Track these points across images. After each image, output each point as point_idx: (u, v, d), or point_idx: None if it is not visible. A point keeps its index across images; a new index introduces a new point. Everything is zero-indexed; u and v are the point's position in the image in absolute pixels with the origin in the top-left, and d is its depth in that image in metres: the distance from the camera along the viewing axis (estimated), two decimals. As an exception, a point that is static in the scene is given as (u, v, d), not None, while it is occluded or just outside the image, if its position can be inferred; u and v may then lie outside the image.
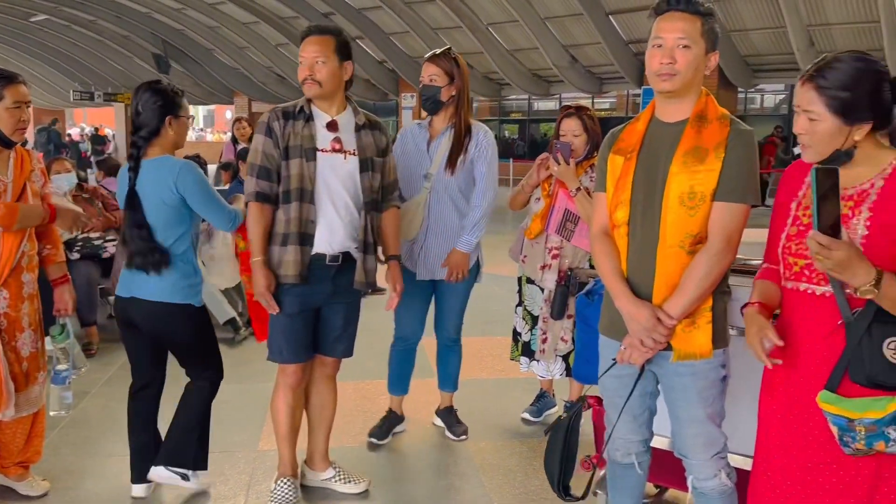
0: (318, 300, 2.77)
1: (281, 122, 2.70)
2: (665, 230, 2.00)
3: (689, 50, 1.97)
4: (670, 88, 2.00)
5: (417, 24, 15.93)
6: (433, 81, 3.23)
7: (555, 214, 3.45)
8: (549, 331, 3.48)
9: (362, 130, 2.77)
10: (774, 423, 1.89)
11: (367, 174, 2.75)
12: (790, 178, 1.93)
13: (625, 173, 2.10)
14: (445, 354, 3.58)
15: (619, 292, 2.06)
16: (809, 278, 1.79)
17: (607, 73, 15.70)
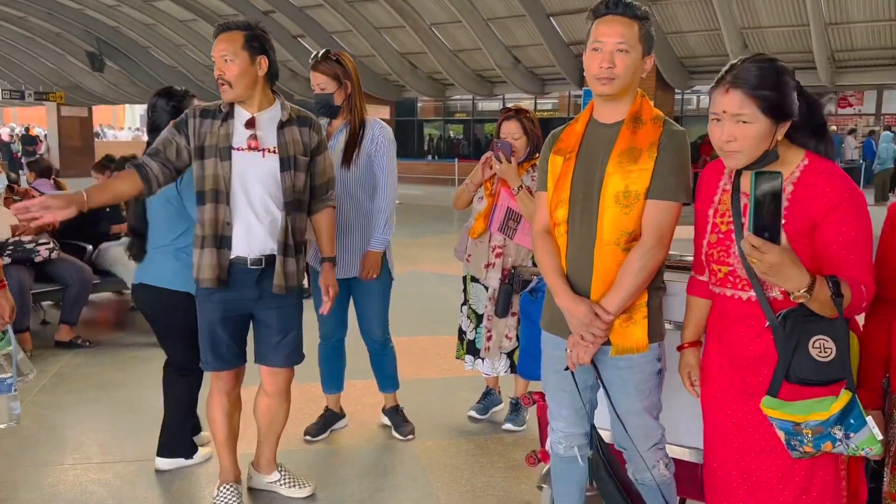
0: (245, 306, 2.70)
1: (197, 120, 2.63)
2: (602, 228, 2.06)
3: (628, 54, 2.02)
4: (609, 92, 2.05)
5: (360, 24, 15.85)
6: (324, 90, 3.22)
7: (497, 213, 3.49)
8: (494, 329, 3.52)
9: (286, 127, 2.66)
10: (715, 415, 1.96)
11: (288, 173, 2.64)
12: (705, 184, 1.97)
13: (564, 173, 2.14)
14: (377, 358, 3.57)
15: (558, 289, 2.11)
16: (734, 284, 1.85)
17: (549, 75, 15.92)
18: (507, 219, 3.48)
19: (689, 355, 2.10)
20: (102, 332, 5.51)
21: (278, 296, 2.68)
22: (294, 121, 2.69)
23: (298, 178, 2.67)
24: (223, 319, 2.69)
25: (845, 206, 1.71)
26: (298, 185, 2.68)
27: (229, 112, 2.65)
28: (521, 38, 14.78)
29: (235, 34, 2.58)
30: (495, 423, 3.76)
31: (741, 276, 1.83)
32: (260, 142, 2.63)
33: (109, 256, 5.39)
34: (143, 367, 4.67)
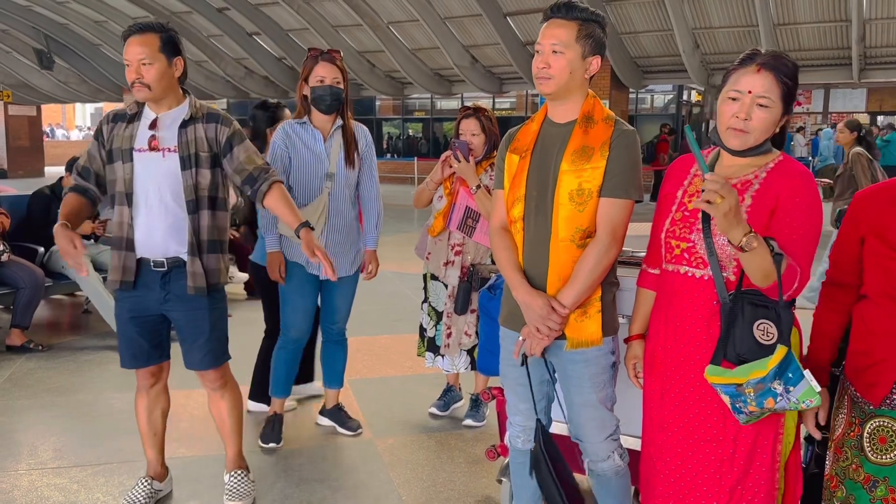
0: (151, 306, 2.69)
1: (109, 125, 2.67)
2: (557, 225, 2.11)
3: (563, 55, 2.08)
4: (547, 91, 2.12)
5: (316, 21, 15.75)
6: (338, 84, 3.25)
7: (456, 212, 3.53)
8: (454, 326, 3.56)
9: (189, 126, 2.61)
10: (655, 402, 2.03)
11: (189, 172, 2.60)
12: (677, 170, 2.06)
13: (520, 171, 2.19)
14: (334, 351, 3.58)
15: (516, 283, 2.16)
16: (689, 262, 1.92)
17: (507, 74, 16.03)
18: (465, 217, 3.53)
19: (635, 346, 2.16)
20: (56, 336, 5.40)
21: (187, 297, 2.65)
22: (199, 118, 2.65)
23: (202, 176, 2.63)
24: (132, 319, 2.71)
25: (801, 198, 1.80)
26: (204, 183, 2.63)
27: (137, 113, 2.66)
28: (478, 37, 14.86)
29: (151, 37, 2.56)
30: (456, 420, 3.80)
31: (699, 254, 1.89)
32: (160, 141, 2.61)
33: (62, 259, 5.27)
34: (98, 371, 4.59)
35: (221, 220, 2.72)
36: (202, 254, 2.64)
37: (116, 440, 3.52)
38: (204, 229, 2.64)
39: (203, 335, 2.71)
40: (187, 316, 2.69)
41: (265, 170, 2.68)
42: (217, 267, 2.70)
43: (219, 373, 2.81)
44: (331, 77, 3.22)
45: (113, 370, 4.60)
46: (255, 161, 2.69)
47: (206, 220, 2.65)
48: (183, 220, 2.62)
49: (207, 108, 2.72)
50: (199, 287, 2.64)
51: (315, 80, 3.23)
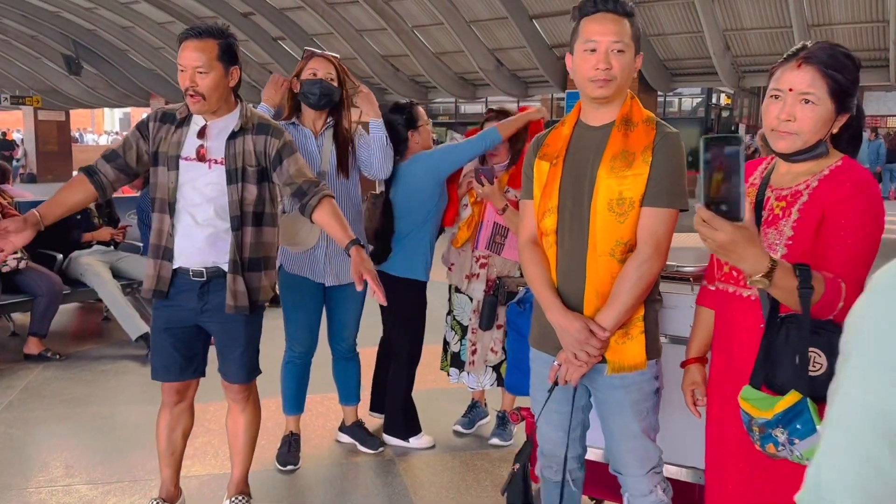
0: (187, 317, 2.57)
1: (157, 123, 2.54)
2: (595, 238, 1.94)
3: (623, 54, 1.92)
4: (607, 94, 1.94)
5: (341, 26, 15.67)
6: (331, 80, 3.07)
7: (484, 230, 3.37)
8: (479, 342, 3.39)
9: (238, 137, 2.50)
10: (715, 430, 1.85)
11: (234, 186, 2.48)
12: None
13: (551, 179, 2.03)
14: (345, 367, 3.42)
15: (549, 304, 1.98)
16: (737, 280, 1.76)
17: (532, 77, 15.81)
18: (493, 235, 3.36)
19: (694, 372, 1.99)
20: (74, 344, 5.31)
21: (223, 311, 2.54)
22: (249, 130, 2.53)
23: (249, 191, 2.51)
24: (167, 330, 2.58)
25: (857, 200, 1.61)
26: (249, 198, 2.51)
27: (185, 118, 2.53)
28: (503, 40, 14.66)
29: (209, 43, 2.42)
30: (481, 438, 3.63)
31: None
32: (208, 152, 2.49)
33: (81, 265, 5.19)
34: (115, 382, 4.49)
35: (268, 235, 2.60)
36: (244, 271, 2.52)
37: (130, 456, 3.40)
38: (247, 246, 2.53)
39: (239, 347, 2.61)
40: (223, 328, 2.59)
41: (315, 183, 2.55)
42: (259, 285, 2.58)
43: (245, 386, 2.70)
44: (324, 71, 3.05)
45: (130, 381, 4.50)
46: (306, 174, 2.57)
47: (250, 237, 2.53)
48: (225, 233, 2.51)
49: (259, 116, 2.60)
50: (241, 307, 2.53)
51: (307, 74, 3.07)
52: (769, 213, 1.74)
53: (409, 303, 3.37)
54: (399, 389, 3.45)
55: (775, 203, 1.73)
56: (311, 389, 3.42)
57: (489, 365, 3.39)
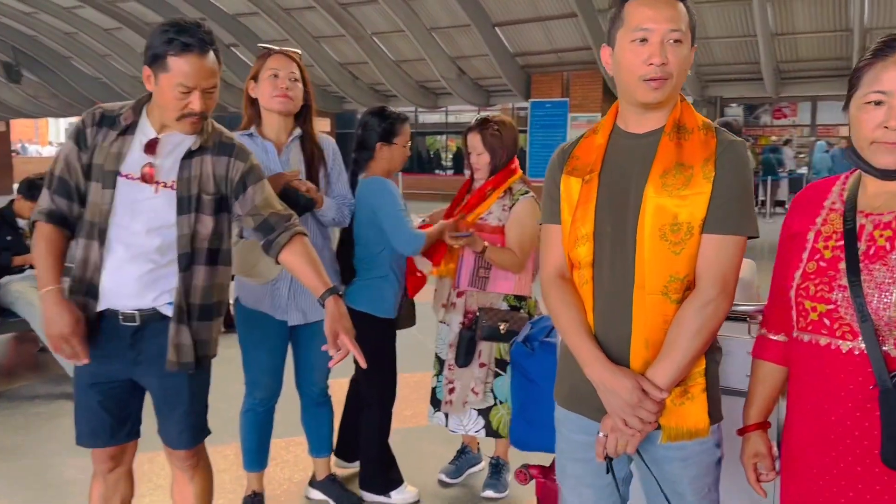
0: (118, 370, 2.09)
1: (94, 128, 2.05)
2: (643, 272, 1.56)
3: (681, 45, 1.54)
4: (661, 98, 1.56)
5: (297, 32, 15.19)
6: (296, 80, 2.63)
7: (465, 266, 2.97)
8: (457, 380, 2.96)
9: (195, 156, 2.06)
10: None
11: (186, 217, 2.04)
12: (805, 202, 1.54)
13: (585, 199, 1.64)
14: (317, 413, 2.94)
15: (589, 356, 1.58)
16: (832, 330, 1.39)
17: (494, 86, 15.56)
18: (476, 268, 2.94)
19: (756, 441, 1.62)
20: (4, 381, 4.74)
21: (161, 363, 2.07)
22: (209, 149, 2.09)
23: (203, 224, 2.07)
24: (93, 385, 2.10)
25: None
26: (203, 233, 2.07)
27: (132, 125, 2.06)
28: (465, 48, 14.37)
29: (211, 57, 1.98)
30: (472, 489, 3.20)
31: (845, 320, 1.37)
32: (156, 172, 2.03)
33: (12, 293, 4.62)
34: (49, 428, 3.94)
35: (222, 276, 2.15)
36: (191, 320, 2.06)
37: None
38: (197, 290, 2.07)
39: (181, 406, 2.13)
40: (161, 384, 2.11)
41: (285, 217, 2.15)
42: (210, 337, 2.13)
43: (192, 452, 2.21)
44: (286, 71, 2.61)
45: (66, 426, 3.92)
46: (274, 205, 2.16)
47: (202, 279, 2.08)
48: (167, 271, 2.04)
49: (221, 133, 2.14)
50: (185, 363, 2.06)
51: (267, 74, 2.61)
52: (870, 246, 1.38)
53: (372, 342, 2.87)
54: (373, 440, 3.00)
55: (877, 232, 1.37)
56: (276, 432, 2.95)
57: (472, 408, 2.96)
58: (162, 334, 2.06)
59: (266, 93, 2.61)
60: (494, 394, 2.93)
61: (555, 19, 12.73)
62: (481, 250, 2.84)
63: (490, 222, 2.92)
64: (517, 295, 2.94)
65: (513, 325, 2.82)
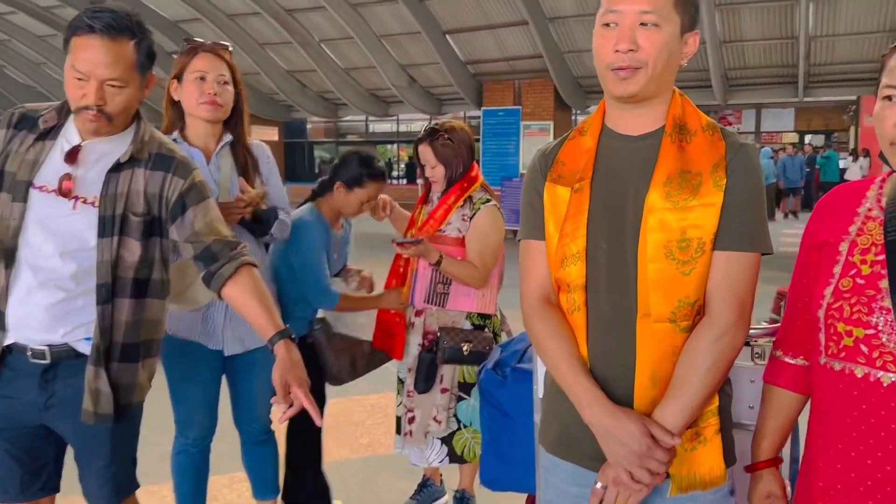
0: (27, 414, 1.78)
1: (10, 131, 1.76)
2: (647, 297, 1.34)
3: (659, 30, 1.32)
4: (634, 91, 1.35)
5: (242, 39, 14.76)
6: (226, 83, 2.31)
7: (420, 282, 2.70)
8: (417, 408, 2.69)
9: (125, 169, 1.77)
10: None
11: (108, 240, 1.74)
12: (835, 206, 1.33)
13: (575, 212, 1.41)
14: (259, 453, 2.60)
15: (587, 397, 1.35)
16: (870, 359, 1.19)
17: (446, 94, 15.38)
18: (433, 283, 2.68)
19: (768, 480, 1.42)
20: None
21: (76, 407, 1.76)
22: (142, 161, 1.79)
23: (129, 249, 1.77)
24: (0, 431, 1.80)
25: None
26: (129, 259, 1.77)
27: (53, 128, 1.77)
28: (416, 56, 14.15)
29: (124, 44, 1.68)
30: (437, 525, 2.94)
31: (887, 347, 1.17)
32: (76, 185, 1.73)
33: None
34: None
35: (153, 311, 1.85)
36: (112, 362, 1.76)
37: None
38: (121, 327, 1.77)
39: (100, 460, 1.83)
40: (78, 432, 1.80)
41: (231, 244, 1.84)
42: (134, 381, 1.82)
43: None
44: (214, 73, 2.28)
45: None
46: (219, 230, 1.85)
47: (127, 314, 1.78)
48: (84, 302, 1.75)
49: (160, 143, 1.83)
50: (104, 415, 1.76)
51: (192, 76, 2.28)
52: None
53: None
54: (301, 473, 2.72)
55: None
56: (218, 468, 2.64)
57: (434, 437, 2.69)
58: (77, 375, 1.75)
59: (191, 98, 2.28)
60: (458, 418, 2.67)
61: (506, 27, 12.61)
62: (436, 262, 2.59)
63: (449, 234, 2.67)
64: (480, 313, 2.70)
65: (477, 346, 2.59)
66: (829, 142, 19.56)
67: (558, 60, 12.94)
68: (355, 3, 12.87)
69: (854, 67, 12.04)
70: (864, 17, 10.69)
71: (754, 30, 11.43)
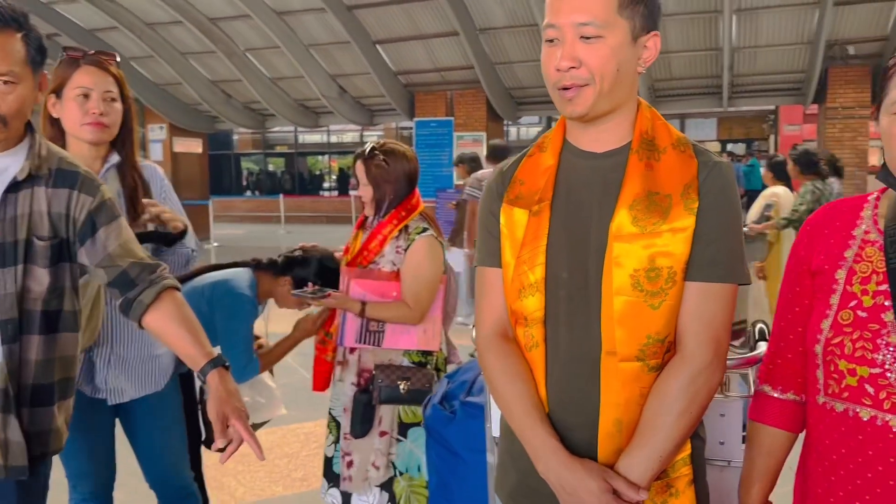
0: None
1: None
2: (612, 333, 1.20)
3: (601, 42, 1.18)
4: (582, 111, 1.22)
5: (163, 48, 14.21)
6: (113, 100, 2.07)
7: (349, 322, 2.49)
8: (355, 452, 2.48)
9: (24, 189, 1.56)
10: None
11: (11, 270, 1.52)
12: (826, 228, 1.21)
13: (533, 237, 1.26)
14: None
15: (541, 447, 1.21)
16: (877, 400, 1.07)
17: (378, 105, 15.17)
18: (366, 322, 2.47)
19: None
20: None
21: None
22: (43, 178, 1.58)
23: (35, 279, 1.56)
24: None
25: None
26: (37, 290, 1.56)
27: None
28: (346, 66, 13.90)
29: (11, 37, 1.48)
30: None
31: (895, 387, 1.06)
32: None
33: None
34: None
35: (66, 346, 1.62)
36: (22, 407, 1.53)
37: None
38: (30, 367, 1.55)
39: None
40: None
41: (149, 268, 1.66)
42: (49, 427, 1.59)
43: None
44: (101, 89, 2.04)
45: None
46: (135, 252, 1.67)
47: (37, 352, 1.57)
48: None
49: (59, 158, 1.60)
50: (17, 467, 1.52)
51: (73, 92, 2.03)
52: None
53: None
54: None
55: None
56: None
57: (374, 483, 2.48)
58: None
59: (73, 118, 2.03)
60: (394, 464, 2.47)
61: (437, 38, 12.53)
62: (359, 312, 2.41)
63: (383, 267, 2.47)
64: (421, 350, 2.50)
65: (416, 384, 2.38)
66: (749, 150, 20.23)
67: (490, 71, 12.94)
68: (281, 11, 12.56)
69: (774, 78, 12.44)
70: (783, 30, 11.05)
71: (680, 41, 11.67)
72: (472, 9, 11.66)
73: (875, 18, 10.44)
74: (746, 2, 10.46)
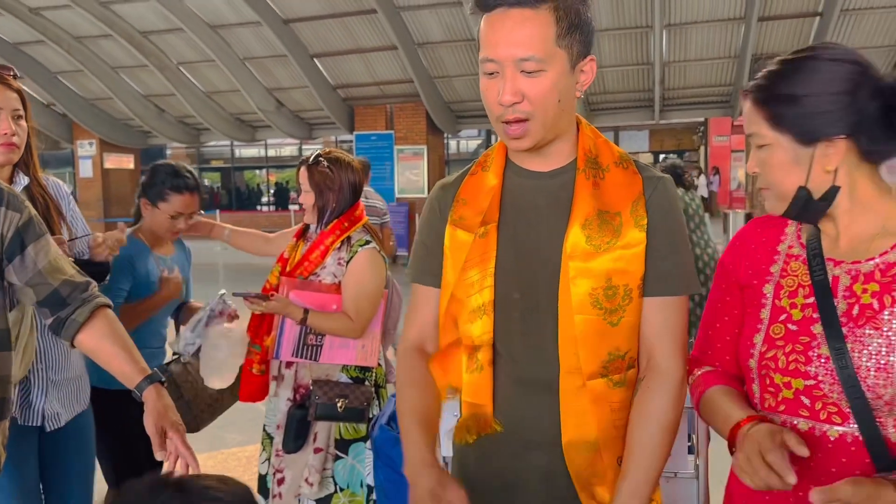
0: None
1: None
2: (575, 352, 1.21)
3: (544, 75, 1.16)
4: (528, 146, 1.22)
5: (91, 62, 13.81)
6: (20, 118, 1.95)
7: (286, 334, 2.44)
8: (287, 468, 2.42)
9: None
10: None
11: None
12: (751, 243, 1.23)
13: (481, 258, 1.26)
14: None
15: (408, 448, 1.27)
16: (813, 411, 1.10)
17: (316, 119, 15.05)
18: (303, 335, 2.43)
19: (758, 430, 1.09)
20: None
21: None
22: None
23: None
24: None
25: None
26: None
27: None
28: (283, 79, 13.76)
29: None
30: None
31: (829, 398, 1.08)
32: None
33: None
34: None
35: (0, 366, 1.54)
36: None
37: None
38: None
39: None
40: None
41: (80, 286, 1.61)
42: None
43: None
44: (9, 108, 1.92)
45: None
46: (65, 269, 1.60)
47: None
48: None
49: None
50: None
51: None
52: (851, 304, 1.09)
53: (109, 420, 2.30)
54: None
55: (858, 287, 1.09)
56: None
57: (308, 499, 2.42)
58: None
59: None
60: (335, 479, 2.43)
61: (375, 51, 12.52)
62: (301, 319, 2.36)
63: (324, 279, 2.42)
64: (360, 366, 2.46)
65: (353, 402, 2.34)
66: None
67: (429, 85, 12.99)
68: (215, 25, 12.36)
69: (703, 91, 12.86)
70: (711, 44, 11.44)
71: (613, 56, 11.95)
72: (409, 23, 11.71)
73: (797, 33, 10.91)
74: (676, 17, 10.79)
